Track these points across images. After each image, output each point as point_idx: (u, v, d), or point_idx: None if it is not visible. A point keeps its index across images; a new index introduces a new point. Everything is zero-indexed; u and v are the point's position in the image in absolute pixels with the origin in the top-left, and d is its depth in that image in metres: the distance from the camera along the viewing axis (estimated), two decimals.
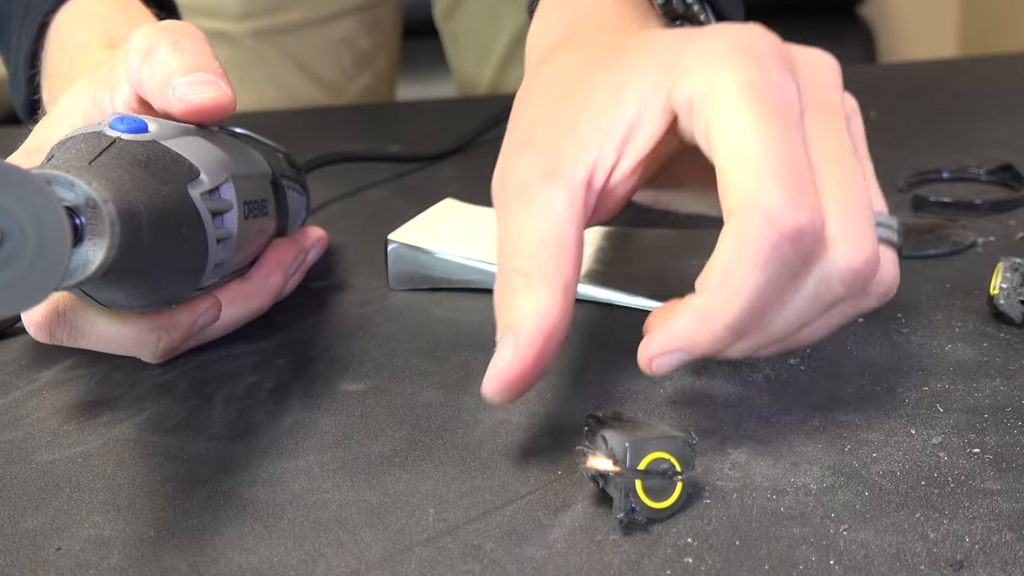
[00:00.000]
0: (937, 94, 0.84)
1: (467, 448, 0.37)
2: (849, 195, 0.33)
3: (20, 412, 0.42)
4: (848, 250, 0.33)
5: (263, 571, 0.31)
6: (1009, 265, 0.43)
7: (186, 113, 0.40)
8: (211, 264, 0.38)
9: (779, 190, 0.31)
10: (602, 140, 0.35)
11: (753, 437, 0.36)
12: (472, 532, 0.32)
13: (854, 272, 0.33)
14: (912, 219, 0.56)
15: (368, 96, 1.03)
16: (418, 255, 0.50)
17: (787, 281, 0.32)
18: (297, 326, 0.48)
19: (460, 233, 0.52)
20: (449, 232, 0.52)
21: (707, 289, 0.32)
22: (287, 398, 0.41)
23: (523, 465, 0.35)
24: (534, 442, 0.37)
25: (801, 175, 0.32)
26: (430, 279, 0.50)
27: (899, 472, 0.34)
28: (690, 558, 0.30)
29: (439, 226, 0.53)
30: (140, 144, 0.36)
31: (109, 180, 0.31)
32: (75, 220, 0.29)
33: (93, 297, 0.36)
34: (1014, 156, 0.63)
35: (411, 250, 0.50)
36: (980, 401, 0.38)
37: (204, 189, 0.37)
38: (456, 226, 0.53)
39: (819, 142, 0.34)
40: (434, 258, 0.50)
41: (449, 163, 0.73)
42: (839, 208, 0.33)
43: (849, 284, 0.33)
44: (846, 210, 0.33)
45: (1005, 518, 0.31)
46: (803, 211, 0.31)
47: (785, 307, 0.33)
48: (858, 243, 0.33)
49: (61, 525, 0.34)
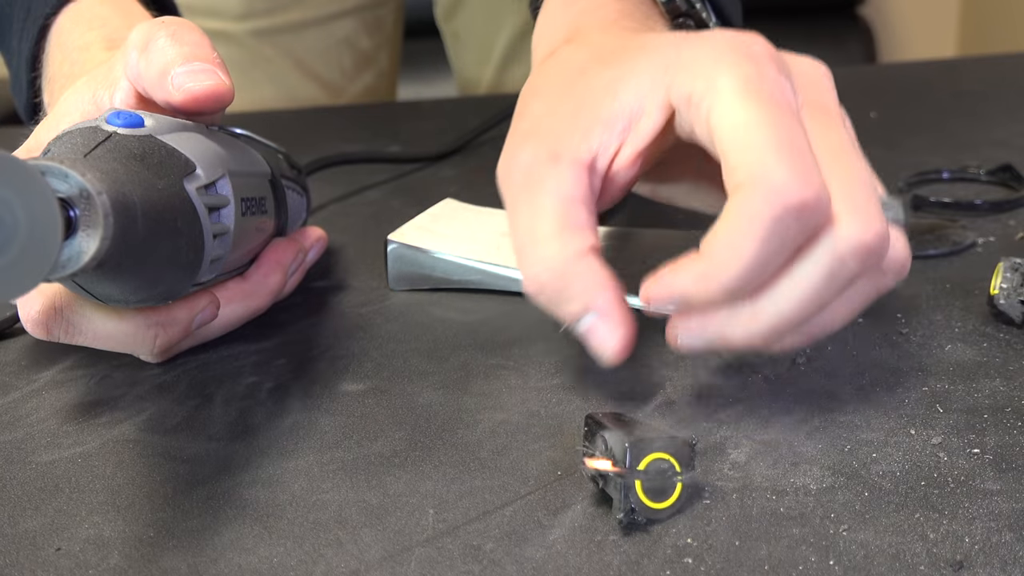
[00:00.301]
0: (937, 94, 0.83)
1: (467, 448, 0.37)
2: (854, 177, 0.34)
3: (20, 412, 0.42)
4: (858, 226, 0.33)
5: (263, 571, 0.31)
6: (1009, 265, 0.43)
7: (185, 102, 0.40)
8: (207, 259, 0.38)
9: (785, 167, 0.32)
10: (604, 129, 0.37)
11: (753, 437, 0.36)
12: (472, 532, 0.32)
13: (867, 247, 0.34)
14: (912, 219, 0.56)
15: (369, 96, 1.03)
16: (418, 255, 0.50)
17: (789, 253, 0.33)
18: (297, 326, 0.48)
19: (460, 233, 0.52)
20: (449, 232, 0.52)
21: (709, 253, 0.33)
22: (287, 398, 0.41)
23: (523, 466, 0.35)
24: (534, 443, 0.37)
25: (805, 155, 0.33)
26: (430, 279, 0.50)
27: (899, 472, 0.34)
28: (690, 558, 0.30)
29: (439, 226, 0.53)
30: (136, 138, 0.36)
31: (103, 172, 0.31)
32: (69, 211, 0.29)
33: (89, 291, 0.36)
34: (1014, 156, 0.63)
35: (411, 250, 0.50)
36: (980, 401, 0.38)
37: (200, 184, 0.37)
38: (456, 226, 0.53)
39: (818, 135, 0.35)
40: (434, 258, 0.50)
41: (449, 163, 0.73)
42: (845, 189, 0.34)
43: (863, 260, 0.34)
44: (852, 190, 0.34)
45: (1005, 518, 0.31)
46: (809, 187, 0.32)
47: (797, 285, 0.34)
48: (867, 219, 0.34)
49: (61, 525, 0.34)
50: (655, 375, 0.41)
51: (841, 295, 0.35)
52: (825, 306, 0.35)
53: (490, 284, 0.49)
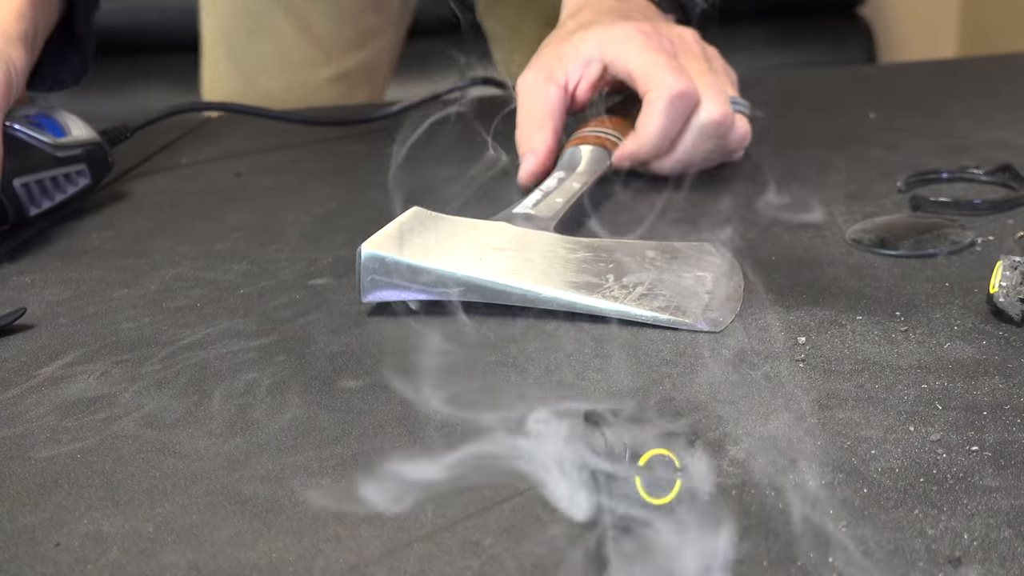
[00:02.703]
0: (937, 94, 0.84)
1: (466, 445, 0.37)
2: (711, 83, 0.62)
3: (19, 408, 0.42)
4: (712, 108, 0.61)
5: (262, 567, 0.31)
6: (1009, 264, 0.43)
7: None
8: None
9: (671, 76, 0.61)
10: (574, 67, 0.66)
11: (752, 434, 0.36)
12: (471, 528, 0.32)
13: (716, 123, 0.62)
14: (912, 219, 0.56)
15: (364, 73, 1.07)
16: (396, 266, 0.46)
17: (679, 125, 0.61)
18: (296, 323, 0.48)
19: (436, 244, 0.49)
20: (424, 243, 0.49)
21: (639, 129, 0.62)
22: (286, 394, 0.41)
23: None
24: (533, 440, 0.37)
25: (680, 70, 0.61)
26: (408, 291, 0.47)
27: (898, 469, 0.34)
28: None
29: (412, 236, 0.49)
30: None
31: None
32: None
33: None
34: (1013, 156, 0.63)
35: (387, 261, 0.46)
36: (979, 399, 0.38)
37: None
38: (429, 236, 0.50)
39: (689, 64, 0.63)
40: (414, 268, 0.46)
41: (449, 163, 0.73)
42: (705, 89, 0.61)
43: (716, 129, 0.62)
44: (710, 89, 0.62)
45: (1003, 515, 0.31)
46: (685, 83, 0.60)
47: (682, 143, 0.62)
48: (717, 105, 0.61)
49: (60, 521, 0.34)
50: (654, 372, 0.41)
51: (707, 153, 0.64)
52: (700, 158, 0.64)
53: (476, 297, 0.46)
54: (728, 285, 0.48)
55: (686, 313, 0.45)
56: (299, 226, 0.63)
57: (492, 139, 0.69)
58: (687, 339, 0.44)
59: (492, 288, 0.46)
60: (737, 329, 0.44)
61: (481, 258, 0.48)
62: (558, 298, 0.46)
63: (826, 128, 0.75)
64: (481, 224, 0.52)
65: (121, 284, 0.55)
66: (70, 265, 0.59)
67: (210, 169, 0.78)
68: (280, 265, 0.56)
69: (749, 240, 0.55)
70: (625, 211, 0.61)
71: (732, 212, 0.59)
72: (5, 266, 0.59)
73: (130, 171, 0.78)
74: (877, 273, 0.49)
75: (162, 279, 0.55)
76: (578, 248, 0.51)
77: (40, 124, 0.65)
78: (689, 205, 0.61)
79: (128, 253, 0.60)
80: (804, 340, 0.43)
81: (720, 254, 0.52)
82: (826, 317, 0.45)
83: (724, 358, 0.42)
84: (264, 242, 0.60)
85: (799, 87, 0.91)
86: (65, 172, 0.66)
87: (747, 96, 0.66)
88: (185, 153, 0.83)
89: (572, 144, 0.65)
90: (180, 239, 0.62)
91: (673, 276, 0.49)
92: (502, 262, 0.48)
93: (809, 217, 0.57)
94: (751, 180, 0.65)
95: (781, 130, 0.76)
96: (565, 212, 0.56)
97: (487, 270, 0.47)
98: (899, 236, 0.52)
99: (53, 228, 0.65)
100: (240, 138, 0.86)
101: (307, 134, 0.84)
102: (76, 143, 0.67)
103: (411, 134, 0.65)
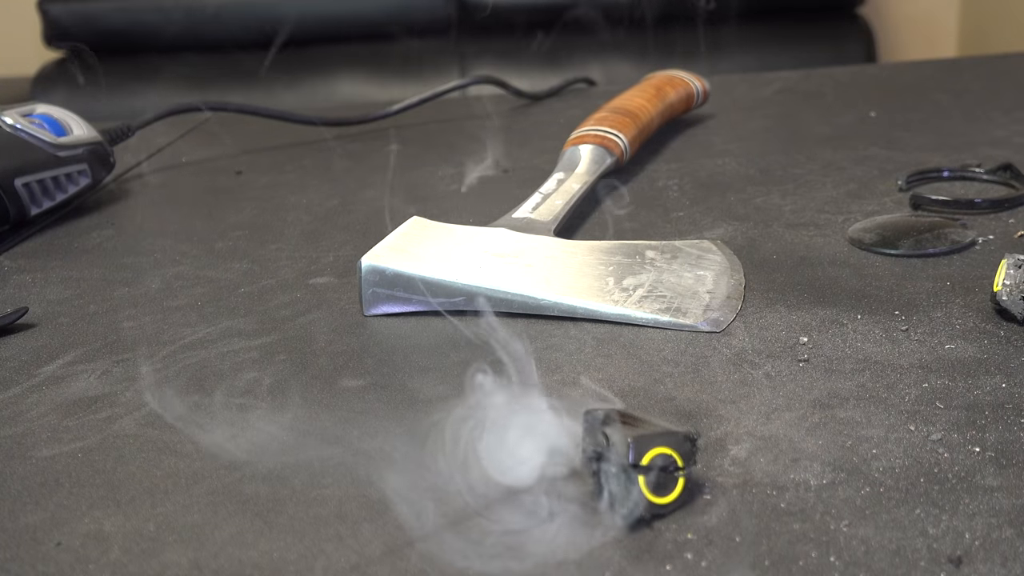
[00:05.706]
0: (937, 94, 0.84)
1: (467, 443, 0.37)
2: None
3: (20, 408, 0.42)
4: None
5: (263, 566, 0.31)
6: (1013, 262, 0.43)
7: None
8: None
9: None
10: None
11: (754, 433, 0.36)
12: (472, 527, 0.32)
13: None
14: (912, 218, 0.56)
15: None
16: (397, 277, 0.47)
17: None
18: (297, 322, 0.48)
19: (437, 253, 0.49)
20: (424, 252, 0.49)
21: None
22: (287, 394, 0.41)
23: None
24: (536, 438, 0.37)
25: None
26: (409, 302, 0.47)
27: (899, 468, 0.34)
28: (690, 553, 0.30)
29: (412, 246, 0.49)
30: None
31: None
32: None
33: None
34: (1014, 155, 0.63)
35: (388, 273, 0.47)
36: (980, 398, 0.38)
37: None
38: (430, 246, 0.50)
39: None
40: (415, 280, 0.46)
41: (449, 162, 0.73)
42: None
43: None
44: None
45: (1005, 514, 0.31)
46: None
47: None
48: None
49: (61, 520, 0.34)
50: (655, 371, 0.41)
51: None
52: None
53: (477, 306, 0.46)
54: (729, 283, 0.48)
55: (687, 314, 0.45)
56: (299, 225, 0.63)
57: (492, 139, 0.69)
58: (688, 338, 0.44)
59: (493, 296, 0.46)
60: (738, 328, 0.44)
61: (482, 266, 0.48)
62: (559, 304, 0.46)
63: (827, 127, 0.75)
64: (481, 231, 0.52)
65: (122, 283, 0.55)
66: (71, 264, 0.59)
67: (210, 168, 0.78)
68: (281, 264, 0.56)
69: (750, 239, 0.55)
70: (625, 210, 0.61)
71: (733, 210, 0.59)
72: (6, 265, 0.59)
73: (131, 170, 0.78)
74: (878, 272, 0.49)
75: (163, 278, 0.55)
76: (578, 252, 0.51)
77: (41, 123, 0.66)
78: (690, 203, 0.61)
79: (129, 252, 0.60)
80: (805, 339, 0.43)
81: (721, 252, 0.52)
82: (827, 316, 0.45)
83: (725, 357, 0.42)
84: (265, 241, 0.60)
85: (799, 87, 0.91)
86: (66, 171, 0.66)
87: (748, 96, 0.66)
88: (185, 152, 0.83)
89: (572, 144, 0.65)
90: (181, 238, 0.62)
91: (673, 276, 0.49)
92: (503, 270, 0.48)
93: (810, 216, 0.57)
94: (752, 179, 0.65)
95: (782, 129, 0.76)
96: (565, 215, 0.56)
97: (488, 279, 0.47)
98: (900, 235, 0.52)
99: (54, 227, 0.65)
100: (240, 138, 0.86)
101: (307, 134, 0.84)
102: (77, 142, 0.67)
103: (411, 133, 0.65)
